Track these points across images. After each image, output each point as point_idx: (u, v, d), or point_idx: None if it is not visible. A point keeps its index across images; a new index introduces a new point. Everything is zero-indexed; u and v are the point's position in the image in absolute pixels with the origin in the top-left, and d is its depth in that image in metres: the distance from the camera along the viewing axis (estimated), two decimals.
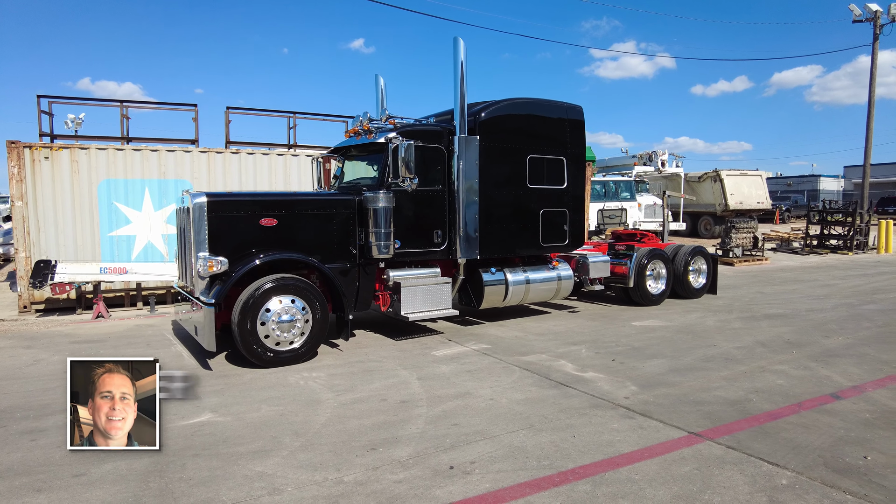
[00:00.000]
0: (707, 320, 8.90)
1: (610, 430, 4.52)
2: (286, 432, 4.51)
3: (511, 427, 4.58)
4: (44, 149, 9.70)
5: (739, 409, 5.04)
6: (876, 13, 21.55)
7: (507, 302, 8.60)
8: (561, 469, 3.85)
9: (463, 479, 3.71)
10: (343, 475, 3.79)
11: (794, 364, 6.43)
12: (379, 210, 7.10)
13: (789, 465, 3.92)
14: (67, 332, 8.45)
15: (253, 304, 6.21)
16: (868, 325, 8.43)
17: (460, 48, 7.57)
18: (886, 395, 5.38)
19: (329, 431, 4.54)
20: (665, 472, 3.81)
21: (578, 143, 9.02)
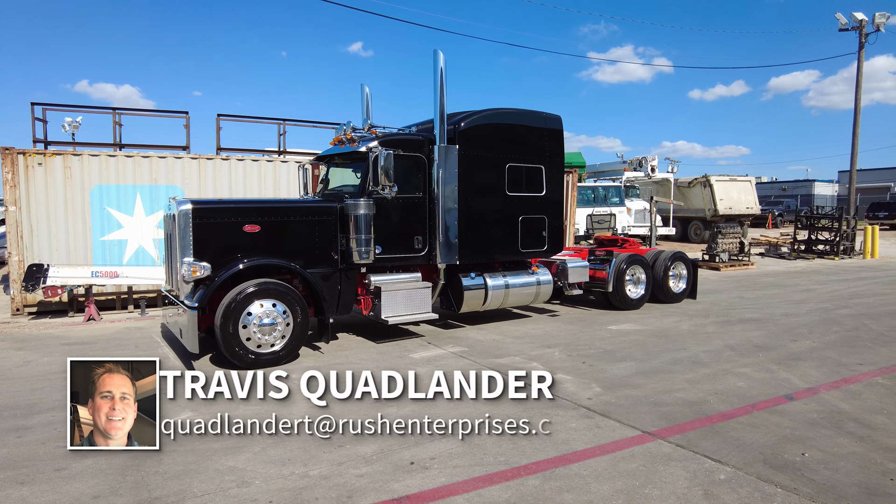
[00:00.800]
0: (682, 324, 9.14)
1: (567, 429, 4.76)
2: (260, 430, 4.74)
3: (473, 426, 4.81)
4: (37, 155, 9.94)
5: (696, 409, 5.28)
6: (861, 22, 21.88)
7: (487, 306, 8.84)
8: (515, 465, 4.10)
9: (421, 474, 3.95)
10: (309, 469, 4.03)
11: (757, 367, 6.67)
12: (360, 217, 7.34)
13: (731, 461, 4.16)
14: (58, 335, 8.69)
15: (235, 308, 6.45)
16: (837, 330, 8.68)
17: (440, 60, 7.83)
18: (838, 396, 5.62)
19: (301, 429, 4.77)
20: (612, 469, 4.05)
21: (557, 151, 9.28)
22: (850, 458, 4.22)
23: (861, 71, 22.31)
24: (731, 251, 17.92)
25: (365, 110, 9.57)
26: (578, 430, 4.73)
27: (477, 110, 8.66)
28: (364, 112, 9.48)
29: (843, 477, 3.91)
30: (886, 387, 5.93)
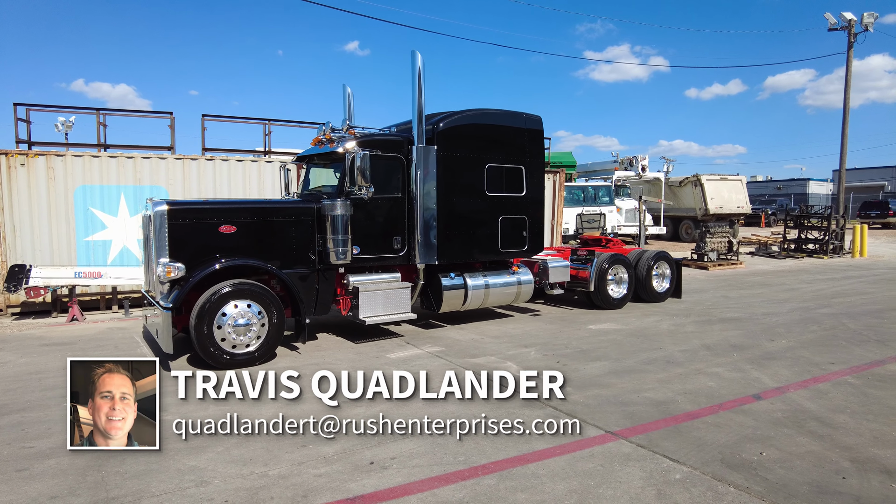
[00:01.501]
0: (662, 324, 9.19)
1: (531, 428, 4.79)
2: (226, 430, 4.77)
3: (440, 425, 4.85)
4: (20, 156, 9.96)
5: (662, 409, 5.32)
6: (850, 22, 21.93)
7: (467, 306, 8.88)
8: (474, 464, 4.13)
9: (379, 474, 3.99)
10: (269, 469, 4.06)
11: (730, 366, 6.71)
12: (336, 217, 7.37)
13: (688, 461, 4.20)
14: (39, 335, 8.70)
15: (209, 308, 6.48)
16: (815, 329, 8.73)
17: (417, 61, 7.86)
18: (805, 395, 5.67)
19: (266, 429, 4.80)
20: (569, 468, 4.09)
21: (537, 151, 9.31)
22: (807, 456, 4.26)
23: (850, 70, 22.37)
24: (720, 250, 17.98)
25: (347, 111, 9.59)
26: (542, 430, 4.76)
27: (456, 111, 8.69)
28: (345, 112, 9.50)
29: (796, 476, 3.95)
30: (854, 385, 5.97)
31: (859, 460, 4.18)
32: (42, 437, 4.69)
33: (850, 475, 3.96)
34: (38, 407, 5.47)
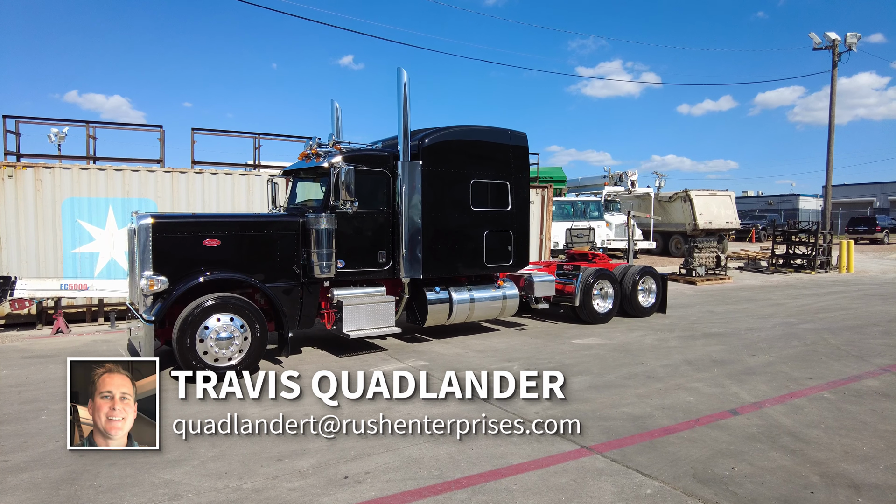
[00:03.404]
0: (646, 339, 9.25)
1: (507, 443, 4.83)
2: (203, 443, 4.78)
3: (416, 440, 4.88)
4: (7, 167, 9.98)
5: (639, 424, 5.37)
6: (834, 41, 22.34)
7: (452, 320, 8.92)
8: (447, 479, 4.16)
9: (352, 488, 4.01)
10: (243, 483, 4.08)
11: (709, 382, 6.77)
12: (321, 231, 7.43)
13: (661, 476, 4.24)
14: (22, 347, 8.68)
15: (192, 322, 6.50)
16: (796, 344, 8.81)
17: (403, 77, 7.97)
18: (781, 410, 5.73)
19: (245, 443, 4.82)
20: (542, 483, 4.12)
21: (523, 167, 9.42)
22: (778, 471, 4.31)
23: (834, 88, 22.79)
24: (708, 265, 18.12)
25: (334, 125, 9.70)
26: (517, 445, 4.80)
27: (442, 127, 8.80)
28: (333, 127, 9.60)
29: (765, 490, 4.00)
30: (830, 401, 6.04)
31: (828, 475, 4.23)
32: (17, 451, 4.68)
33: (819, 489, 4.01)
34: (15, 420, 5.46)
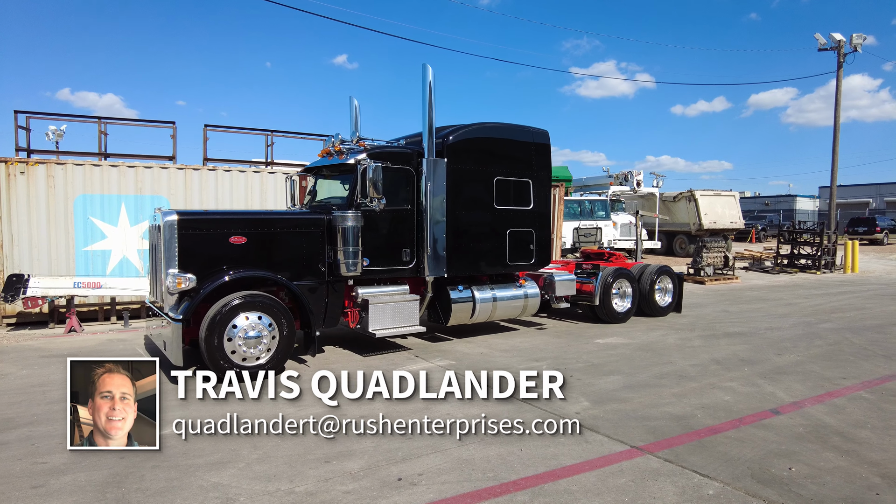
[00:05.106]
0: (668, 338, 9.19)
1: (556, 444, 4.74)
2: (244, 445, 4.67)
3: (462, 440, 4.78)
4: (19, 164, 9.81)
5: (683, 424, 5.29)
6: (839, 42, 22.43)
7: (475, 319, 8.82)
8: (503, 481, 4.06)
9: (409, 490, 3.91)
10: (295, 486, 3.96)
11: (743, 381, 6.71)
12: (347, 229, 7.31)
13: (719, 476, 4.16)
14: (38, 347, 8.51)
15: (220, 321, 6.37)
16: (820, 343, 8.77)
17: (429, 74, 7.87)
18: (822, 410, 5.67)
19: (287, 444, 4.71)
20: (601, 484, 4.03)
21: (544, 165, 9.34)
22: (836, 472, 4.24)
23: (840, 89, 22.84)
24: (716, 265, 18.10)
25: (354, 122, 9.57)
26: (567, 445, 4.71)
27: (465, 124, 8.70)
28: (353, 124, 9.48)
29: (829, 492, 3.93)
30: (869, 401, 5.99)
31: (890, 476, 4.17)
32: (54, 453, 4.54)
33: (884, 491, 3.94)
34: (45, 421, 5.32)
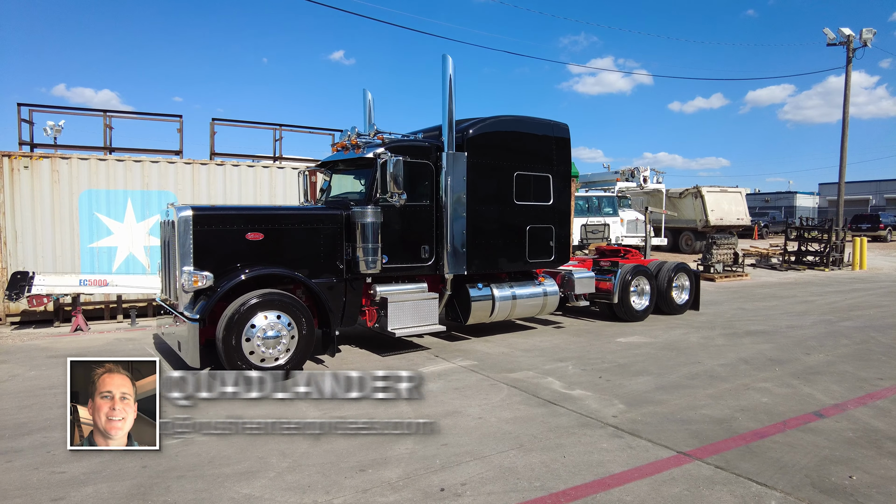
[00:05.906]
0: (690, 337, 8.98)
1: (599, 450, 4.52)
2: (272, 452, 4.44)
3: (501, 447, 4.56)
4: (23, 158, 9.52)
5: (726, 427, 5.08)
6: (849, 37, 22.22)
7: (494, 317, 8.60)
8: (552, 490, 3.84)
9: (454, 502, 3.68)
10: (332, 497, 3.74)
11: (776, 382, 6.50)
12: (367, 225, 7.07)
13: (777, 485, 3.95)
14: (44, 346, 8.25)
15: (238, 320, 6.13)
16: (846, 343, 8.58)
17: (449, 65, 7.62)
18: (868, 413, 5.47)
19: (317, 452, 4.48)
20: (656, 494, 3.82)
21: (564, 160, 9.10)
22: None
23: (849, 85, 22.65)
24: (726, 262, 17.92)
25: (368, 116, 9.33)
26: (611, 451, 4.49)
27: (484, 117, 8.46)
28: (367, 117, 9.24)
29: None
30: None
31: None
32: (72, 461, 4.31)
33: None
34: (59, 426, 5.04)
